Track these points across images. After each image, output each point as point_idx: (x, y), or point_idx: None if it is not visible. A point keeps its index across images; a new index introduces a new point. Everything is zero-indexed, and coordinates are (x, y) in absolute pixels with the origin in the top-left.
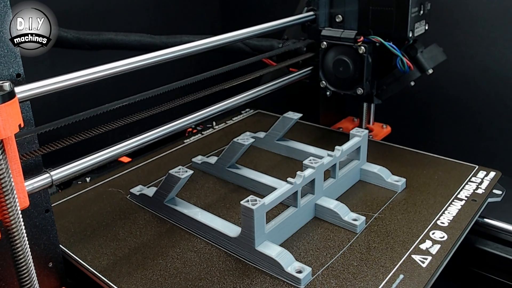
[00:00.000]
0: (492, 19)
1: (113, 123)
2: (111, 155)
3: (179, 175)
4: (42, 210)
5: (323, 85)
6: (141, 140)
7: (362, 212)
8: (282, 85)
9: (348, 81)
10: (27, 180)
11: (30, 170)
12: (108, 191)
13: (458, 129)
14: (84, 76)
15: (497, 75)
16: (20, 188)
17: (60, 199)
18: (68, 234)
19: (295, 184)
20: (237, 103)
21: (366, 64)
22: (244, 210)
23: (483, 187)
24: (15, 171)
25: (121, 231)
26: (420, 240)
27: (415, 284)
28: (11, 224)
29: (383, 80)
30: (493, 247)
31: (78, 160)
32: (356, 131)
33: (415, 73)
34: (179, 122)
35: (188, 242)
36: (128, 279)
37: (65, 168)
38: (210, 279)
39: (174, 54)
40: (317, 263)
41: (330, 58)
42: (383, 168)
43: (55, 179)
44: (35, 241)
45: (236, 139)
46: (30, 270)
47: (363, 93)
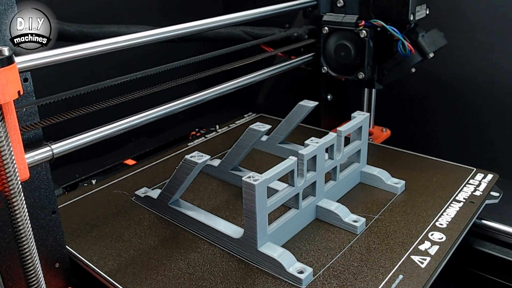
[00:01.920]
0: (490, 25)
1: (114, 100)
2: (111, 132)
3: (196, 159)
4: (49, 212)
5: (324, 70)
6: (142, 118)
7: (362, 214)
8: (284, 70)
9: (350, 66)
10: (28, 153)
11: (31, 143)
12: (113, 193)
13: (456, 132)
14: (85, 50)
15: (495, 80)
16: (20, 159)
17: (67, 201)
18: (74, 235)
19: (296, 186)
20: (240, 85)
21: (367, 48)
22: (245, 186)
23: (481, 189)
24: (15, 141)
25: (126, 232)
26: (419, 241)
27: (414, 284)
28: (11, 195)
29: (384, 65)
30: (491, 248)
31: (78, 135)
32: (358, 113)
33: (416, 57)
34: (180, 101)
35: (192, 243)
36: (133, 279)
37: (65, 142)
38: (213, 279)
39: (174, 33)
40: (318, 263)
41: (331, 43)
42: (383, 171)
43: (56, 152)
44: (42, 242)
45: (251, 126)
46: (37, 271)
47: (364, 78)
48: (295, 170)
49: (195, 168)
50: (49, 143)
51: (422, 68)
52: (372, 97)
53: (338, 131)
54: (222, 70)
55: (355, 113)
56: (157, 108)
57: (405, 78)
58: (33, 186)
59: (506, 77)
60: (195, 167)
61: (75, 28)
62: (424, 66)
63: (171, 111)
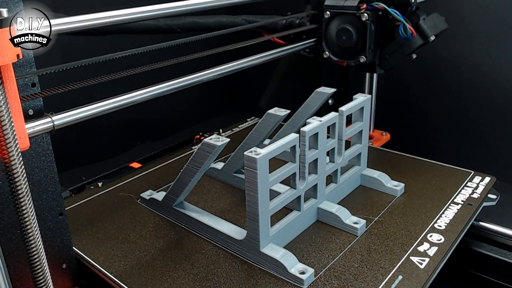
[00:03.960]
0: (487, 30)
1: (115, 74)
2: (111, 106)
3: (215, 142)
4: (56, 214)
5: (326, 55)
6: (143, 95)
7: (362, 216)
8: (285, 54)
9: (351, 50)
10: (29, 123)
11: (32, 114)
12: (119, 196)
13: (454, 136)
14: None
15: (492, 85)
16: (20, 127)
17: (74, 203)
18: (81, 237)
19: (298, 188)
20: (242, 66)
21: (369, 31)
22: (247, 160)
23: (478, 192)
24: (14, 108)
25: (132, 234)
26: (418, 242)
27: (413, 285)
28: (11, 162)
29: (386, 50)
30: (488, 249)
31: (79, 108)
32: (359, 95)
33: (417, 41)
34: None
35: (196, 244)
36: (138, 280)
37: (66, 115)
38: (217, 280)
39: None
40: (320, 264)
41: (333, 27)
42: (383, 174)
43: (57, 124)
44: (50, 243)
45: (269, 111)
46: (45, 271)
47: (366, 61)
48: (296, 146)
49: (215, 150)
50: (50, 114)
51: (421, 74)
52: (372, 103)
53: (340, 111)
54: (224, 50)
55: (357, 95)
56: (156, 86)
57: (405, 83)
58: (34, 158)
59: (503, 81)
60: (214, 150)
61: None
62: (424, 71)
63: (170, 89)
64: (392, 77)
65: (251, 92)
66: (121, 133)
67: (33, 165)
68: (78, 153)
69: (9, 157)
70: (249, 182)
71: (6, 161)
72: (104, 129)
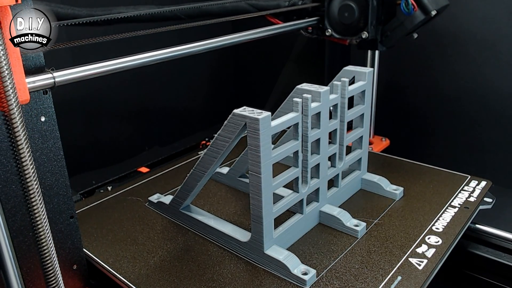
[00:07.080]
0: (483, 39)
1: (118, 35)
2: (113, 68)
3: (255, 115)
4: (67, 217)
5: (328, 33)
6: (145, 58)
7: (363, 219)
8: (286, 31)
9: (353, 26)
10: (29, 77)
11: (32, 69)
12: (128, 199)
13: (452, 142)
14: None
15: (488, 93)
16: (20, 78)
17: (84, 206)
18: (91, 239)
19: (301, 192)
20: (241, 40)
21: (370, 7)
22: (250, 122)
23: (475, 195)
24: (14, 59)
25: (140, 236)
26: (416, 244)
27: (412, 286)
28: (10, 115)
29: (388, 26)
30: (484, 251)
31: (82, 66)
32: (351, 67)
33: (419, 16)
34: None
35: (202, 246)
36: (146, 281)
37: (68, 72)
38: (222, 281)
39: None
40: (321, 265)
41: (335, 4)
42: (383, 178)
43: (58, 81)
44: (61, 245)
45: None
46: (56, 272)
47: (367, 37)
48: (299, 124)
49: (259, 124)
50: (51, 70)
51: (420, 82)
52: (372, 109)
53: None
54: (226, 19)
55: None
56: (159, 50)
57: (404, 92)
58: (46, 163)
59: (499, 89)
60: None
61: (86, 12)
62: (422, 79)
63: (171, 56)
64: (391, 86)
65: (257, 98)
66: (130, 139)
67: (45, 169)
68: (88, 158)
69: (9, 110)
70: (253, 186)
71: (6, 114)
72: (113, 136)
